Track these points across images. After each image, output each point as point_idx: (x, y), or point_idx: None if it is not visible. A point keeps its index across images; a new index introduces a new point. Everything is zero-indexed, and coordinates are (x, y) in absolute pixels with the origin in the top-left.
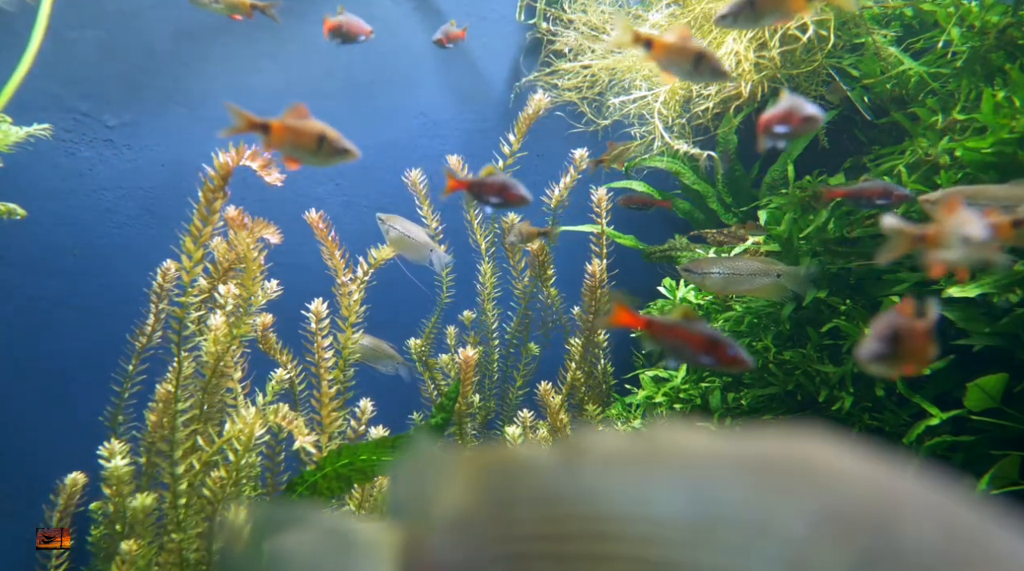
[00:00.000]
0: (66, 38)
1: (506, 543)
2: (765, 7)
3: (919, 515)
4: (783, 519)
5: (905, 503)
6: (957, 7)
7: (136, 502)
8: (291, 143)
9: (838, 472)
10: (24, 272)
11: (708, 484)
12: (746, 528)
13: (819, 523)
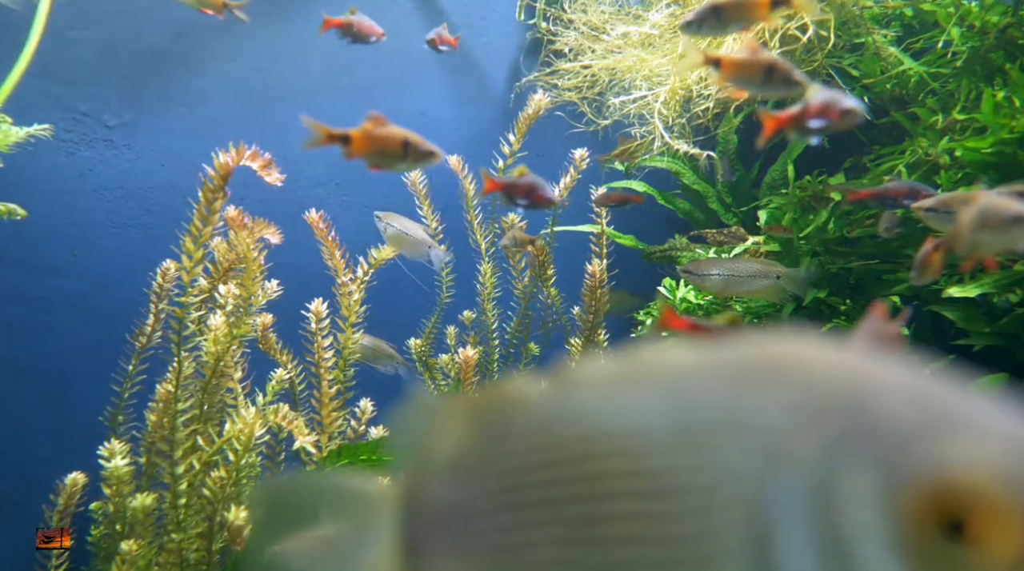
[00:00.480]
0: (66, 38)
1: (500, 477)
2: (730, 15)
3: (890, 394)
4: (759, 413)
5: (876, 384)
6: (957, 7)
7: (136, 502)
8: (374, 151)
9: (811, 363)
10: (24, 272)
11: (687, 391)
12: (724, 426)
13: (794, 412)
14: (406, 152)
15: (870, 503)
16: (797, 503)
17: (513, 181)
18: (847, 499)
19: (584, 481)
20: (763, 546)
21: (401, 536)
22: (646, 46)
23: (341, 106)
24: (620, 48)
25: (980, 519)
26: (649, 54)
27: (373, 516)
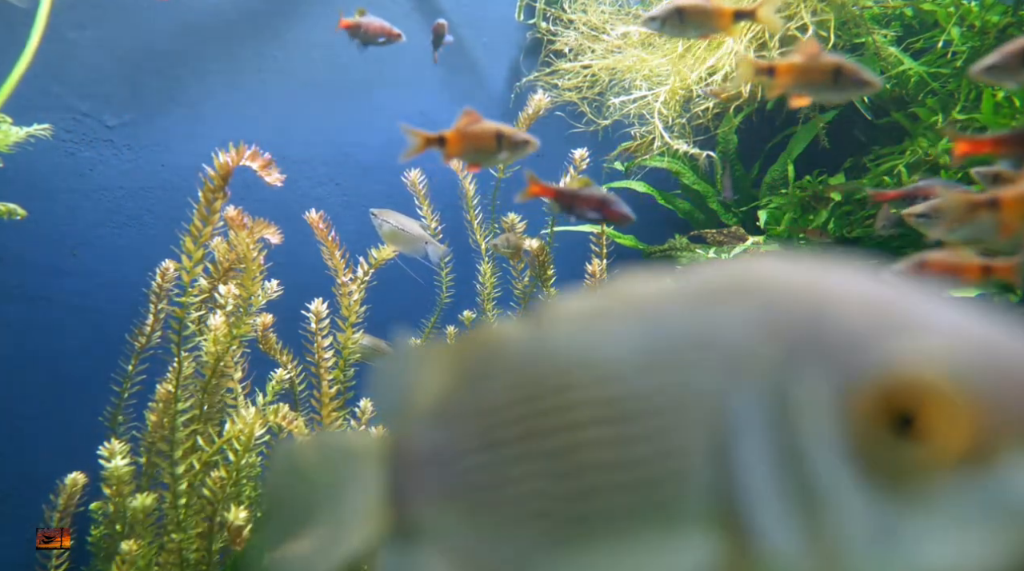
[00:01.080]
0: (66, 38)
1: (481, 418)
2: (692, 18)
3: (844, 302)
4: (720, 330)
5: (832, 293)
6: (957, 7)
7: (136, 502)
8: (470, 149)
9: (772, 279)
10: (24, 272)
11: (653, 315)
12: (687, 346)
13: (752, 326)
14: (500, 145)
15: (822, 408)
16: (755, 415)
17: (574, 191)
18: (801, 407)
19: (558, 413)
20: (723, 459)
21: (387, 485)
22: (646, 46)
23: (341, 106)
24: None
25: (927, 413)
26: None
27: (361, 468)
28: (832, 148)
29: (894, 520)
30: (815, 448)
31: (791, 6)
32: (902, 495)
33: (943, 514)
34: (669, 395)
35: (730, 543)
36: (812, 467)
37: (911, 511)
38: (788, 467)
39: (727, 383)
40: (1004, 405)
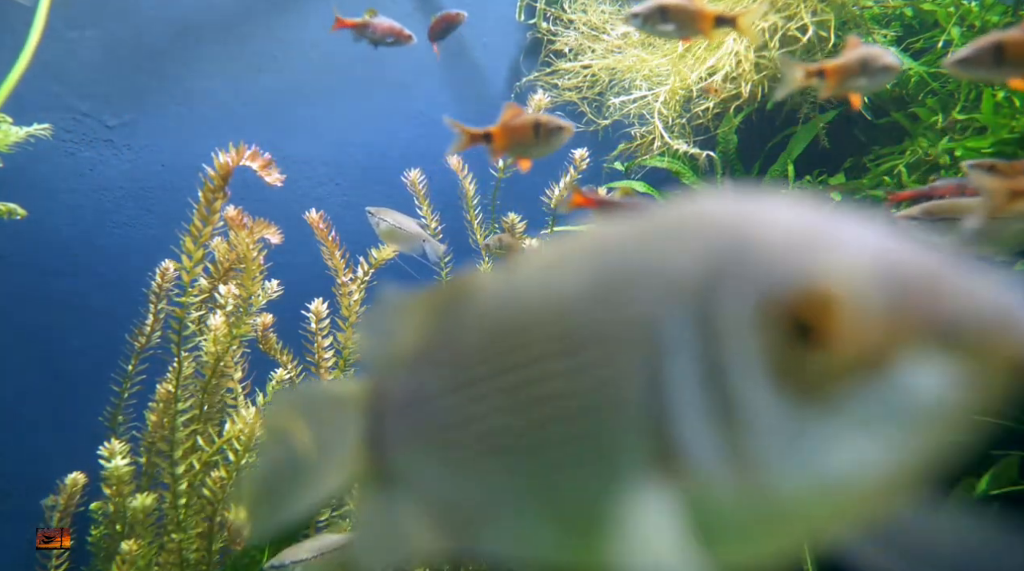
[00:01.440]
0: (66, 38)
1: (452, 362)
2: (674, 18)
3: (768, 227)
4: (659, 261)
5: (759, 221)
6: (957, 7)
7: (136, 502)
8: (513, 142)
9: (707, 214)
10: (24, 272)
11: (604, 255)
12: (629, 278)
13: (685, 257)
14: (538, 135)
15: (741, 325)
16: (684, 337)
17: (618, 201)
18: (723, 326)
19: (519, 350)
20: (656, 382)
21: (365, 431)
22: (646, 46)
23: (341, 106)
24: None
25: (828, 322)
26: (649, 54)
27: (343, 415)
28: (832, 148)
29: (804, 428)
30: (735, 364)
31: (791, 6)
32: (811, 404)
33: (847, 419)
34: (612, 325)
35: (662, 462)
36: (732, 382)
37: (819, 419)
38: (712, 385)
39: (662, 310)
40: (899, 313)
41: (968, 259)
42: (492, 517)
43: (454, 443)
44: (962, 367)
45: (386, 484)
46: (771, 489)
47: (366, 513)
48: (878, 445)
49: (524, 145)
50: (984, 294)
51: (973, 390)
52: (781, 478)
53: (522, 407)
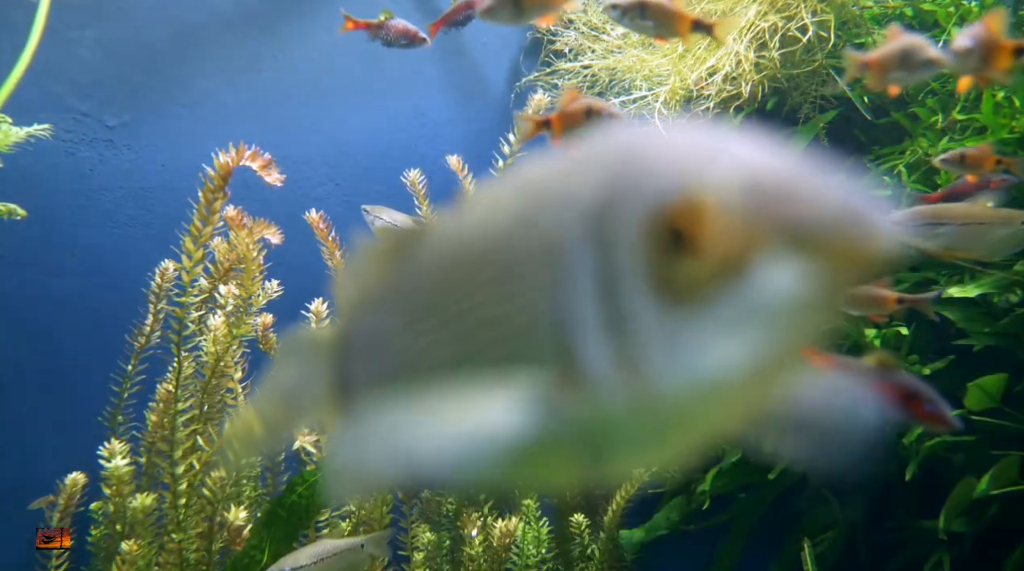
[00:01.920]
0: (66, 38)
1: (406, 302)
2: (653, 16)
3: (658, 151)
4: (570, 190)
5: (651, 147)
6: (957, 7)
7: (136, 502)
8: (568, 128)
9: (615, 143)
10: (24, 272)
11: (531, 189)
12: (547, 207)
13: (589, 182)
14: (589, 119)
15: (628, 239)
16: (583, 255)
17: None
18: (614, 241)
19: (458, 284)
20: (561, 299)
21: (333, 372)
22: (646, 46)
23: (341, 106)
24: (620, 48)
25: (695, 228)
26: (649, 54)
27: (317, 358)
28: (832, 148)
29: (681, 332)
30: (623, 275)
31: (791, 6)
32: (686, 309)
33: (716, 321)
34: (529, 251)
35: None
36: (620, 293)
37: (693, 322)
38: (605, 297)
39: (565, 231)
40: (754, 217)
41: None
42: (436, 443)
43: (406, 378)
44: (813, 265)
45: (352, 420)
46: (655, 391)
47: (334, 448)
48: (744, 343)
49: (577, 129)
50: (832, 197)
51: (825, 286)
52: (663, 380)
53: (461, 337)
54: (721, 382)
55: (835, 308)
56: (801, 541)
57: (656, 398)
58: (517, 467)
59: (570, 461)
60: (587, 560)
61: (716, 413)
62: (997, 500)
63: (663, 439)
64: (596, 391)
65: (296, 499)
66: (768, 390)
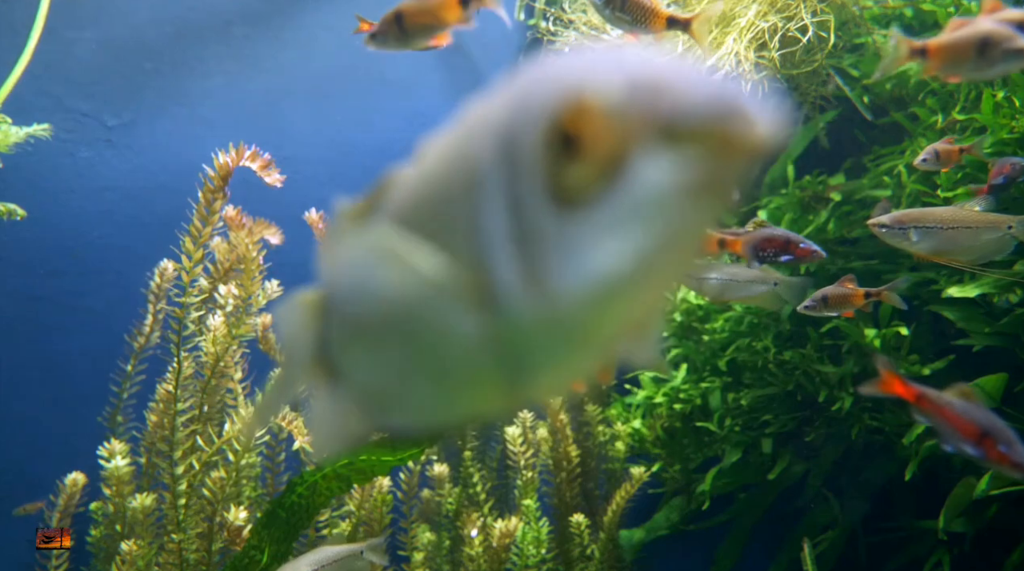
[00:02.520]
0: (66, 38)
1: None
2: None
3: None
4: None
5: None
6: (957, 7)
7: (136, 502)
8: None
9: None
10: (24, 272)
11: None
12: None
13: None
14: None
15: (529, 151)
16: (499, 175)
17: (760, 236)
18: (519, 156)
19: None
20: (479, 220)
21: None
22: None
23: (341, 106)
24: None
25: (581, 131)
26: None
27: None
28: (832, 148)
29: (575, 238)
30: (526, 188)
31: (791, 6)
32: (578, 214)
33: (604, 222)
34: (461, 180)
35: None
36: (525, 207)
37: (585, 227)
38: (514, 213)
39: (486, 156)
40: (631, 114)
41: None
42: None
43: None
44: (691, 155)
45: (331, 380)
46: (559, 299)
47: (316, 407)
48: (633, 240)
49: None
50: (706, 88)
51: (705, 176)
52: (563, 287)
53: None
54: (615, 281)
55: (719, 199)
56: (801, 541)
57: (560, 306)
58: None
59: (495, 380)
60: (587, 560)
61: (618, 315)
62: (997, 500)
63: (574, 350)
64: (508, 305)
65: (296, 499)
66: (663, 287)
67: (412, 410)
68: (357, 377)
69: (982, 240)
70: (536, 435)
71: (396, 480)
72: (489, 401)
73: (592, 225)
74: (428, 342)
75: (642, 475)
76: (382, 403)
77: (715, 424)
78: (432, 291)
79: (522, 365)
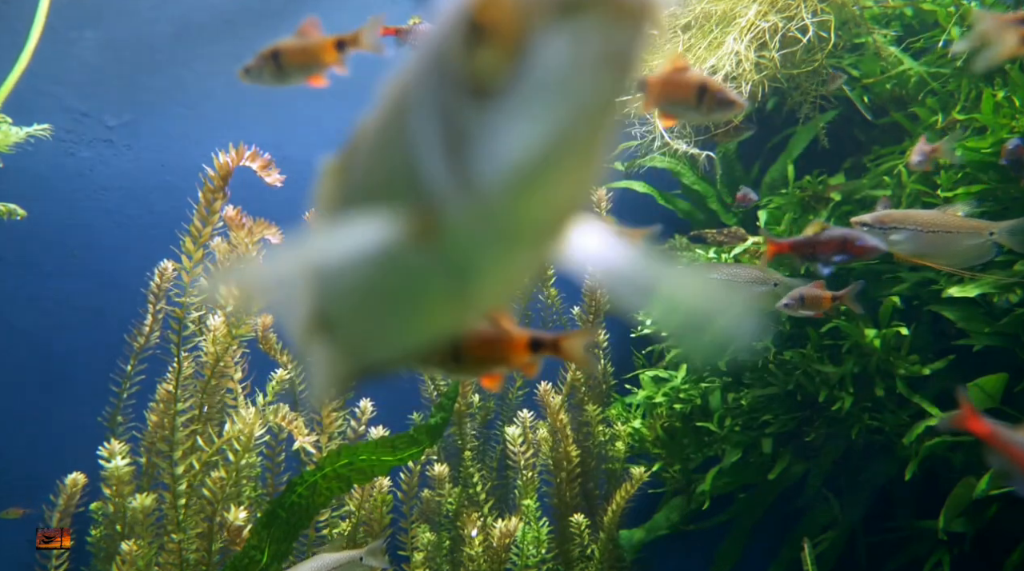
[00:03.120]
0: (66, 38)
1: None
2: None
3: None
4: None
5: None
6: (957, 7)
7: (136, 502)
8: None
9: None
10: (24, 272)
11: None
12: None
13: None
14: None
15: (450, 54)
16: (432, 90)
17: (811, 239)
18: (442, 63)
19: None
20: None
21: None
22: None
23: (340, 106)
24: None
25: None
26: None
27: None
28: (832, 148)
29: (491, 127)
30: (450, 90)
31: (791, 7)
32: (492, 102)
33: (515, 107)
34: (406, 104)
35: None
36: (450, 108)
37: (498, 115)
38: (444, 119)
39: (423, 76)
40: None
41: None
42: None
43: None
44: (587, 27)
45: (323, 332)
46: (483, 191)
47: (312, 357)
48: (542, 120)
49: (682, 106)
50: None
51: (604, 46)
52: (486, 177)
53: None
54: (532, 164)
55: (621, 72)
56: (801, 541)
57: (486, 197)
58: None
59: (447, 294)
60: (587, 560)
61: (541, 201)
62: (997, 500)
63: (509, 245)
64: (445, 211)
65: (296, 499)
66: (582, 172)
67: (387, 343)
68: (344, 327)
69: (964, 245)
70: (536, 435)
71: (396, 480)
72: (447, 318)
73: (507, 112)
74: (391, 284)
75: (642, 475)
76: (364, 343)
77: (715, 424)
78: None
79: (467, 273)
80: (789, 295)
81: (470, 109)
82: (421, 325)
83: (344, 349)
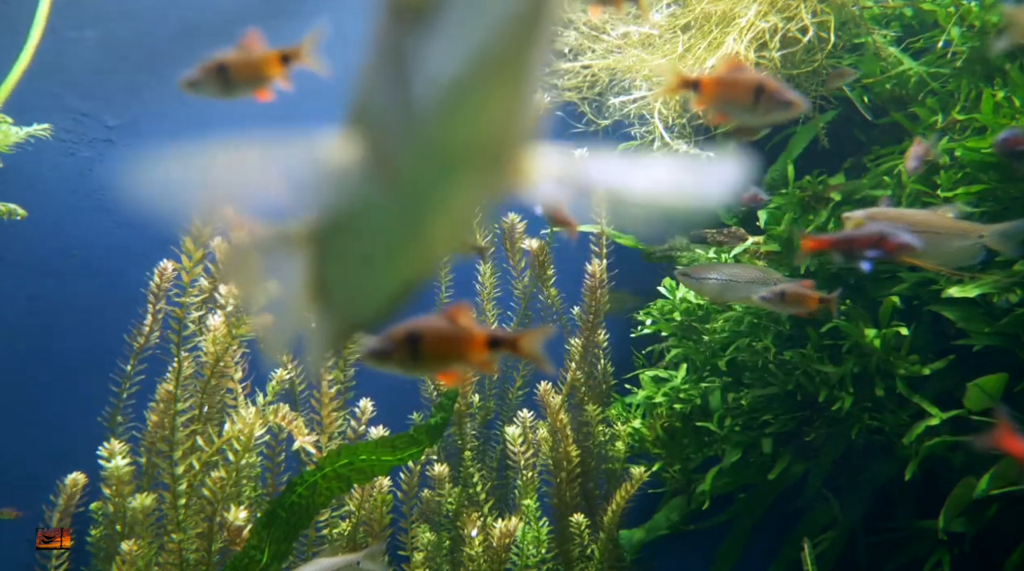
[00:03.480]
0: (66, 38)
1: None
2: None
3: None
4: None
5: None
6: (957, 7)
7: (136, 502)
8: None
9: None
10: (24, 272)
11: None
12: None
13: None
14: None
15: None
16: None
17: (849, 235)
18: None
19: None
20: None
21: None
22: (646, 46)
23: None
24: (620, 48)
25: None
26: (649, 54)
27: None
28: (832, 148)
29: (424, 52)
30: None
31: (791, 7)
32: (424, 25)
33: (443, 28)
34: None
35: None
36: (392, 36)
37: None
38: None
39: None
40: None
41: None
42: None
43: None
44: None
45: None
46: (420, 114)
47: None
48: (467, 38)
49: (738, 106)
50: None
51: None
52: (420, 100)
53: None
54: (459, 82)
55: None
56: (801, 541)
57: (422, 120)
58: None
59: (407, 231)
60: (587, 560)
61: (473, 122)
62: (997, 500)
63: (452, 175)
64: (392, 139)
65: (296, 499)
66: (514, 84)
67: (370, 295)
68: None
69: (952, 247)
70: (536, 435)
71: (396, 480)
72: (414, 259)
73: (436, 31)
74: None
75: (642, 475)
76: (351, 300)
77: (715, 424)
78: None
79: (420, 205)
80: (770, 289)
81: (408, 35)
82: (393, 270)
83: (336, 309)
